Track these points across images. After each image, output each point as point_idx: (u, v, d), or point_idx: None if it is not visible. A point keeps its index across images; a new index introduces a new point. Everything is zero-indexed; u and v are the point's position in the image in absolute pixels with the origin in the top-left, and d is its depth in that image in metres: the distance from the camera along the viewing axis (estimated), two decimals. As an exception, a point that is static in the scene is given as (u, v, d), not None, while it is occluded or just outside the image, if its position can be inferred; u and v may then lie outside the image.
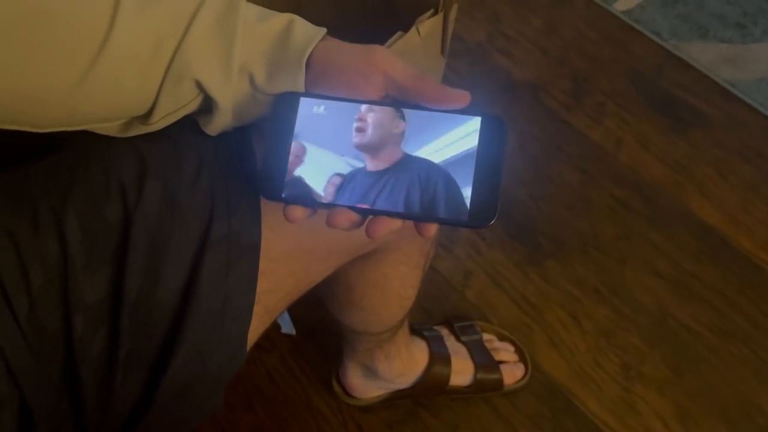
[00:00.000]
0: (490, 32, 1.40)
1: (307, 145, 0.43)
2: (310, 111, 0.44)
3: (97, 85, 0.41)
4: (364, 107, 0.43)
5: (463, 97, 0.43)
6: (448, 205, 0.41)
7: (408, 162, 0.43)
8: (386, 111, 0.43)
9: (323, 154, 0.43)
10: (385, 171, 0.42)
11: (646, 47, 1.36)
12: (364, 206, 0.42)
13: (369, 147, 0.43)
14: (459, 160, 0.42)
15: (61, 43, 0.39)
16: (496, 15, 1.43)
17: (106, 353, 0.46)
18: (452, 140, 0.43)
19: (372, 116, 0.43)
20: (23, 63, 0.39)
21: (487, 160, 0.42)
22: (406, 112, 0.43)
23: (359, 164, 0.43)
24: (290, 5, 0.94)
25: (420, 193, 0.42)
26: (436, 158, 0.43)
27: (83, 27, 0.39)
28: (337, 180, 0.42)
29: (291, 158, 0.43)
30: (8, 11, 0.37)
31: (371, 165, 0.43)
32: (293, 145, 0.43)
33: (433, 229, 0.42)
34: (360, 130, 0.43)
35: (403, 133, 0.43)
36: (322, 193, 0.42)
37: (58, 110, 0.42)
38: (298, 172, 0.43)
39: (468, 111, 0.43)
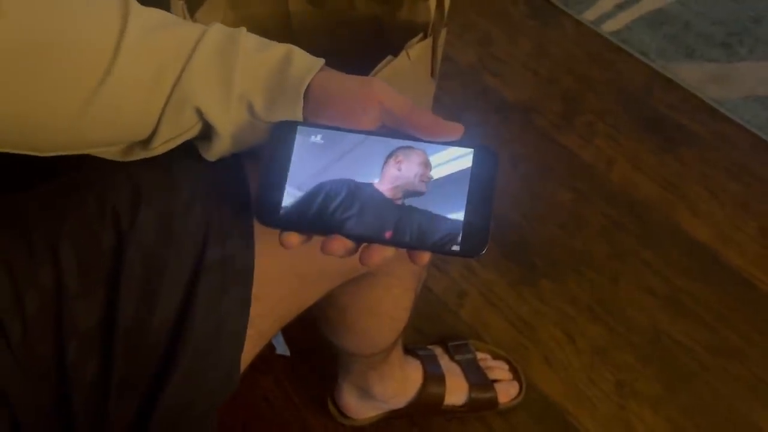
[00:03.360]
0: (481, 54, 1.42)
1: (303, 172, 0.44)
2: (308, 139, 0.44)
3: (101, 111, 0.42)
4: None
5: (457, 129, 0.44)
6: (441, 234, 0.42)
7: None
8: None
9: (319, 182, 0.44)
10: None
11: (634, 67, 1.38)
12: (359, 234, 0.43)
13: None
14: (451, 190, 0.43)
15: (66, 71, 0.40)
16: (487, 37, 1.45)
17: (100, 378, 0.47)
18: (445, 171, 0.44)
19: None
20: (29, 90, 0.40)
21: (479, 191, 0.43)
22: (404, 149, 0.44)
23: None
24: (282, 31, 0.96)
25: (414, 222, 0.43)
26: (430, 188, 0.44)
27: (88, 55, 0.41)
28: (333, 207, 0.43)
29: (288, 185, 0.44)
30: (16, 40, 0.38)
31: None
32: (290, 173, 0.44)
33: (426, 257, 0.43)
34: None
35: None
36: (318, 220, 0.43)
37: (62, 135, 0.43)
38: (295, 199, 0.44)
39: (461, 142, 0.44)
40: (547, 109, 1.33)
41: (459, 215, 0.42)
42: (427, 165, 0.44)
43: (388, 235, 0.42)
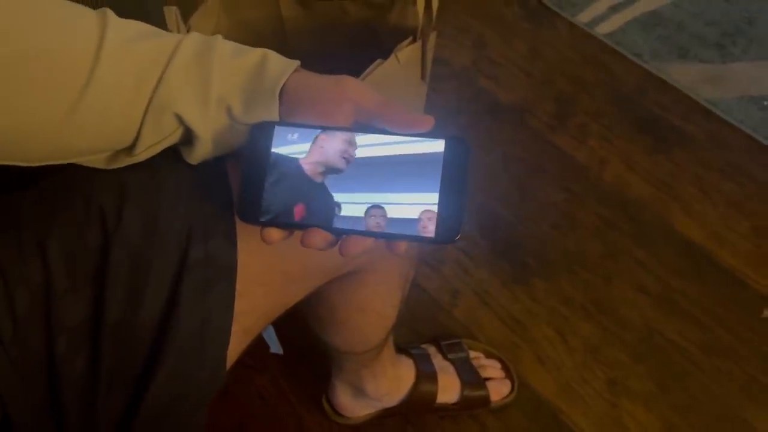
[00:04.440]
0: (476, 57, 1.43)
1: (281, 170, 0.46)
2: (285, 138, 0.46)
3: (84, 119, 0.43)
4: (351, 140, 0.45)
5: (427, 121, 0.45)
6: (415, 223, 0.44)
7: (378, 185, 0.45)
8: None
9: (297, 179, 0.45)
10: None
11: (628, 69, 1.39)
12: (337, 226, 0.44)
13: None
14: (424, 180, 0.45)
15: (48, 80, 0.42)
16: (481, 40, 1.46)
17: (89, 373, 0.48)
18: (419, 162, 0.45)
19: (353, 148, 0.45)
20: (12, 100, 0.41)
21: (452, 180, 0.45)
22: (376, 143, 0.46)
23: (331, 187, 0.45)
24: (275, 34, 0.97)
25: (389, 213, 0.44)
26: (404, 180, 0.45)
27: (69, 64, 0.42)
28: (311, 202, 0.45)
29: (267, 183, 0.45)
30: None
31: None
32: (269, 171, 0.46)
33: (402, 246, 0.44)
34: (350, 159, 0.45)
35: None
36: (297, 216, 0.44)
37: (47, 144, 0.45)
38: (274, 196, 0.45)
39: (433, 134, 0.46)
40: (540, 111, 1.34)
41: (433, 204, 0.44)
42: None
43: (365, 226, 0.44)
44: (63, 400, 0.49)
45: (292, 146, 0.46)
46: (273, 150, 0.46)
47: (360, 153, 0.45)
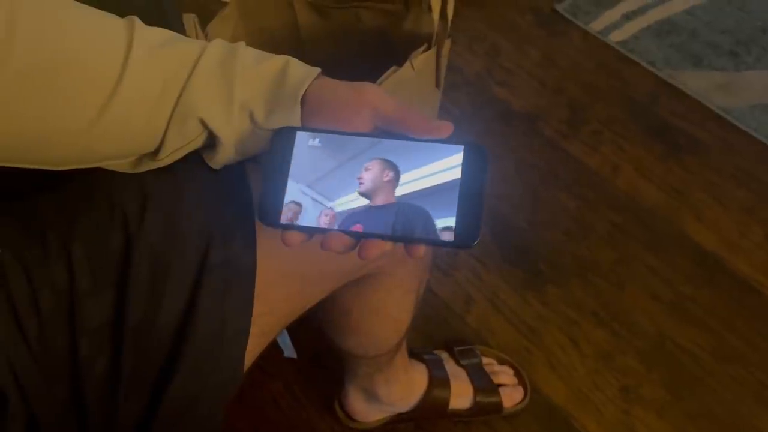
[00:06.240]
0: (489, 65, 1.44)
1: (303, 174, 0.46)
2: (306, 143, 0.47)
3: (109, 126, 0.44)
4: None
5: (447, 127, 0.46)
6: (435, 227, 0.44)
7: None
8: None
9: (318, 183, 0.46)
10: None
11: (641, 76, 1.40)
12: (357, 230, 0.45)
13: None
14: (444, 186, 0.45)
15: (76, 88, 0.43)
16: (495, 48, 1.47)
17: (110, 373, 0.49)
18: (438, 168, 0.46)
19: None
20: (41, 107, 0.42)
21: (471, 185, 0.45)
22: (397, 149, 0.46)
23: (351, 192, 0.46)
24: (291, 42, 0.99)
25: (409, 217, 0.45)
26: (424, 184, 0.46)
27: (97, 72, 0.43)
28: (331, 207, 0.45)
29: (288, 187, 0.46)
30: (28, 60, 0.40)
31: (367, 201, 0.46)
32: (290, 175, 0.47)
33: (420, 250, 0.44)
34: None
35: (393, 180, 0.46)
36: (317, 220, 0.45)
37: (73, 150, 0.46)
38: (295, 200, 0.46)
39: (452, 140, 0.46)
40: (553, 118, 1.35)
41: (452, 208, 0.44)
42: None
43: (383, 229, 0.44)
44: (85, 397, 0.49)
45: (313, 152, 0.46)
46: (294, 157, 0.46)
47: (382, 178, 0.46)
